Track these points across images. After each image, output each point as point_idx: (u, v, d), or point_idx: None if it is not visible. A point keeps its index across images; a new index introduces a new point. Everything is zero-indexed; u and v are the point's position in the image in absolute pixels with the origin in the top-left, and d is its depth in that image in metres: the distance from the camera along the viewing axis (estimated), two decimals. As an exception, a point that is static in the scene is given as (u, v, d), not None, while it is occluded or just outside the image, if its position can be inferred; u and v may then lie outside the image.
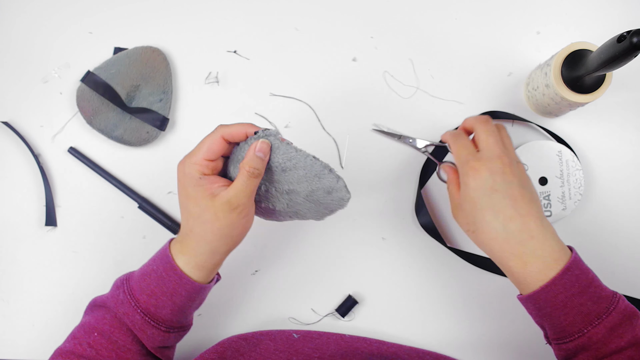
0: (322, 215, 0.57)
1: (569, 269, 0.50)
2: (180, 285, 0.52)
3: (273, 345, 0.63)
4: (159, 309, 0.52)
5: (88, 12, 0.71)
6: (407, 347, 0.65)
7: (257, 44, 0.70)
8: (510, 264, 0.51)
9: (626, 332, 0.49)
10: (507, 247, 0.51)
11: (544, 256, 0.50)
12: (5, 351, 0.68)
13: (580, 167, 0.65)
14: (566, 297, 0.49)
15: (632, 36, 0.47)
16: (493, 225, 0.51)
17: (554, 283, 0.49)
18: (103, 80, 0.67)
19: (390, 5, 0.70)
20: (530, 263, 0.50)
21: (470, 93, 0.69)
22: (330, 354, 0.63)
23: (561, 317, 0.50)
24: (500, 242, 0.51)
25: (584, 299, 0.49)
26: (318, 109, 0.69)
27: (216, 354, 0.60)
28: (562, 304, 0.49)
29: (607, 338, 0.49)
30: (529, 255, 0.50)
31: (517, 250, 0.50)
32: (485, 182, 0.51)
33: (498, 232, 0.51)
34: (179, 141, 0.69)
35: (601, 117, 0.68)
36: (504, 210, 0.51)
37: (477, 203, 0.51)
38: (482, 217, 0.51)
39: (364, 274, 0.67)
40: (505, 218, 0.51)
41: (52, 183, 0.69)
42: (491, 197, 0.51)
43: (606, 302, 0.50)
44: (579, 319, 0.49)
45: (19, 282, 0.68)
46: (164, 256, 0.53)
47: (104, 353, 0.52)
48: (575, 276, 0.50)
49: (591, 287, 0.50)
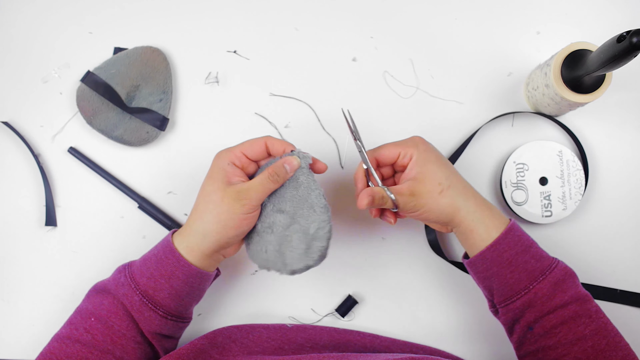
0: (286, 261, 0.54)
1: (512, 229, 0.54)
2: (177, 267, 0.54)
3: (266, 333, 0.63)
4: (157, 292, 0.54)
5: (88, 12, 0.71)
6: (401, 341, 0.65)
7: (257, 44, 0.70)
8: (482, 207, 0.55)
9: (569, 288, 0.53)
10: (476, 193, 0.55)
11: (496, 212, 0.55)
12: (5, 351, 0.68)
13: (580, 167, 0.65)
14: (511, 255, 0.53)
15: (632, 36, 0.47)
16: (458, 178, 0.55)
17: (499, 242, 0.53)
18: (103, 80, 0.67)
19: (390, 5, 0.70)
20: (492, 207, 0.55)
21: (470, 93, 0.69)
22: (322, 345, 0.63)
23: (507, 275, 0.53)
24: (470, 190, 0.55)
25: (528, 256, 0.53)
26: (318, 109, 0.69)
27: (207, 339, 0.61)
28: (507, 262, 0.53)
29: (551, 293, 0.52)
30: (487, 209, 0.55)
31: (479, 195, 0.55)
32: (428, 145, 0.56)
33: (463, 183, 0.55)
34: (179, 141, 0.69)
35: (601, 117, 0.68)
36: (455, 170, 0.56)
37: (442, 159, 0.55)
38: (451, 171, 0.55)
39: (364, 274, 0.67)
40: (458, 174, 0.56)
41: (52, 183, 0.69)
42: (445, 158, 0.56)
43: (548, 261, 0.54)
44: (525, 275, 0.53)
45: (19, 282, 0.68)
46: (165, 241, 0.55)
47: (99, 338, 0.53)
48: (518, 236, 0.54)
49: (533, 248, 0.54)
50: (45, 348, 0.54)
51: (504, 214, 0.56)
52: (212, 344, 0.61)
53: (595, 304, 0.53)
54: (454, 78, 0.69)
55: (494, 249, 0.53)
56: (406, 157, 0.55)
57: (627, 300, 0.65)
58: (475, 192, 0.56)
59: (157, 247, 0.56)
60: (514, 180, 0.65)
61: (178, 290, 0.54)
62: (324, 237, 0.53)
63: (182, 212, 0.68)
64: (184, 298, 0.55)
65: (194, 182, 0.69)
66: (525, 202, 0.65)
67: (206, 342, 0.60)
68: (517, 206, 0.65)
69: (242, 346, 0.62)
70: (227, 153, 0.54)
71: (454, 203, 0.54)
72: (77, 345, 0.53)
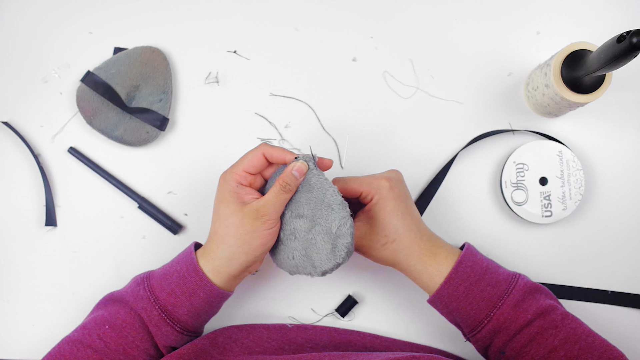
0: (315, 264, 0.54)
1: (462, 261, 0.55)
2: (200, 286, 0.54)
3: (266, 333, 0.64)
4: (177, 308, 0.54)
5: (88, 12, 0.71)
6: (402, 341, 0.65)
7: (257, 44, 0.70)
8: (425, 258, 0.55)
9: (530, 306, 0.53)
10: (422, 244, 0.56)
11: (444, 245, 0.57)
12: (5, 351, 0.68)
13: (580, 167, 0.65)
14: (466, 287, 0.54)
15: (632, 36, 0.47)
16: (411, 227, 0.56)
17: (451, 277, 0.54)
18: (103, 80, 0.67)
19: (390, 5, 0.70)
20: (438, 254, 0.56)
21: (470, 93, 0.69)
22: (323, 345, 0.63)
23: (467, 308, 0.54)
24: (419, 242, 0.56)
25: (483, 285, 0.54)
26: (318, 109, 0.69)
27: (208, 339, 0.61)
28: (463, 295, 0.54)
29: (513, 315, 0.53)
30: (434, 247, 0.56)
31: (428, 245, 0.56)
32: (399, 190, 0.56)
33: (415, 232, 0.56)
34: (179, 141, 0.69)
35: (601, 117, 0.68)
36: (412, 213, 0.57)
37: (398, 210, 0.55)
38: (403, 222, 0.55)
39: (364, 274, 0.67)
40: (415, 219, 0.57)
41: (52, 183, 0.69)
42: (406, 203, 0.56)
43: (505, 284, 0.54)
44: (483, 304, 0.53)
45: (19, 282, 0.68)
46: (188, 257, 0.55)
47: (112, 346, 0.54)
48: (469, 267, 0.54)
49: (488, 274, 0.55)
50: (55, 349, 0.54)
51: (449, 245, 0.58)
52: (213, 344, 0.61)
53: (560, 312, 0.54)
54: (454, 78, 0.69)
55: (446, 287, 0.54)
56: (367, 198, 0.57)
57: (620, 301, 0.65)
58: (422, 240, 0.56)
59: (179, 263, 0.56)
60: (514, 180, 0.65)
61: (197, 309, 0.55)
62: (347, 234, 0.53)
63: (182, 212, 0.68)
64: (202, 315, 0.56)
65: (194, 182, 0.69)
66: (525, 202, 0.65)
67: (207, 342, 0.60)
68: (517, 206, 0.65)
69: (243, 346, 0.62)
70: (232, 175, 0.54)
71: (395, 257, 0.56)
72: (88, 351, 0.53)
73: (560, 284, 0.66)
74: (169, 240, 0.68)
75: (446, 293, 0.54)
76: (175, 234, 0.68)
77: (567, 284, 0.66)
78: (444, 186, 0.67)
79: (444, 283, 0.54)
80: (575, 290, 0.66)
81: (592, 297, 0.65)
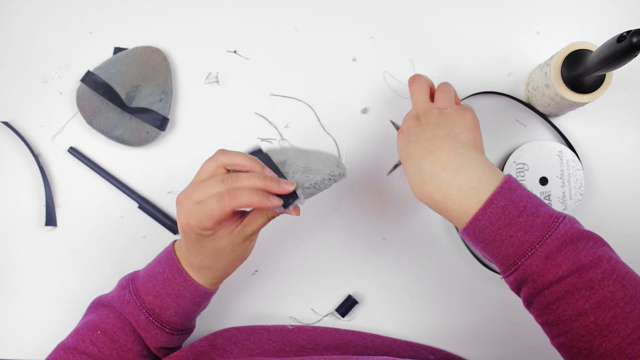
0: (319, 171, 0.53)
1: (492, 201, 0.47)
2: (186, 288, 0.53)
3: (267, 335, 0.63)
4: (164, 310, 0.53)
5: (88, 12, 0.71)
6: (403, 341, 0.65)
7: (257, 44, 0.70)
8: (437, 198, 0.49)
9: (565, 259, 0.45)
10: (426, 186, 0.49)
11: (460, 185, 0.48)
12: (5, 351, 0.68)
13: (580, 167, 0.65)
14: (493, 230, 0.47)
15: (632, 36, 0.47)
16: (410, 170, 0.51)
17: (477, 218, 0.47)
18: (103, 80, 0.67)
19: (390, 5, 0.70)
20: (449, 195, 0.48)
21: (470, 93, 0.69)
22: (324, 346, 0.63)
23: (494, 251, 0.48)
24: (419, 183, 0.50)
25: (514, 230, 0.46)
26: (318, 109, 0.69)
27: (207, 341, 0.61)
28: (490, 238, 0.47)
29: (543, 268, 0.45)
30: (445, 187, 0.48)
31: (434, 185, 0.49)
32: (406, 136, 0.54)
33: (415, 174, 0.50)
34: (179, 141, 0.69)
35: (601, 117, 0.68)
36: (416, 153, 0.51)
37: (401, 156, 0.54)
38: (406, 170, 0.52)
39: (364, 274, 0.67)
40: (416, 159, 0.51)
41: (52, 183, 0.69)
42: (407, 148, 0.53)
43: (541, 230, 0.46)
44: (511, 251, 0.47)
45: (19, 282, 0.68)
46: (170, 258, 0.54)
47: (106, 351, 0.53)
48: (501, 207, 0.46)
49: (522, 216, 0.46)
50: (51, 356, 0.54)
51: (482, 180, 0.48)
52: (213, 346, 0.60)
53: (603, 269, 0.45)
54: (454, 78, 0.69)
55: (474, 225, 0.47)
56: None
57: None
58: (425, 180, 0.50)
59: (160, 264, 0.55)
60: (514, 180, 0.65)
61: (185, 309, 0.54)
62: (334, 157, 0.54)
63: (182, 212, 0.68)
64: (190, 314, 0.55)
65: (194, 182, 0.69)
66: (525, 202, 0.65)
67: (206, 344, 0.60)
68: (517, 206, 0.65)
69: (243, 348, 0.62)
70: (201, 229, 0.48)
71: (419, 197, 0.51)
72: (83, 357, 0.53)
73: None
74: (169, 240, 0.68)
75: (472, 232, 0.48)
76: (175, 234, 0.68)
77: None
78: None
79: (469, 223, 0.47)
80: None
81: None
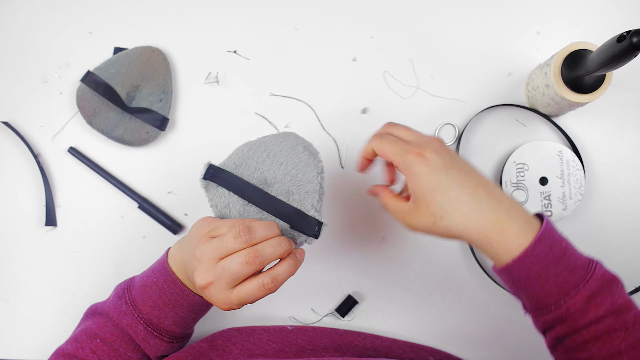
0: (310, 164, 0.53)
1: (541, 239, 0.47)
2: (182, 297, 0.53)
3: (267, 336, 0.63)
4: (162, 320, 0.53)
5: (88, 12, 0.71)
6: (402, 341, 0.65)
7: (257, 44, 0.70)
8: (488, 233, 0.47)
9: (604, 301, 0.47)
10: (483, 217, 0.47)
11: (518, 218, 0.48)
12: (5, 351, 0.68)
13: (580, 167, 0.65)
14: (540, 268, 0.47)
15: (632, 36, 0.47)
16: (462, 199, 0.47)
17: (526, 255, 0.46)
18: (103, 80, 0.67)
19: (390, 5, 0.70)
20: (508, 228, 0.47)
21: (470, 93, 0.69)
22: (323, 347, 0.63)
23: (536, 290, 0.47)
24: (475, 213, 0.47)
25: (559, 268, 0.47)
26: (318, 109, 0.69)
27: (207, 342, 0.61)
28: (536, 275, 0.47)
29: (585, 308, 0.46)
30: (504, 219, 0.47)
31: (492, 217, 0.47)
32: (436, 162, 0.48)
33: (470, 204, 0.47)
34: (179, 141, 0.69)
35: (601, 117, 0.68)
36: (466, 182, 0.48)
37: (438, 185, 0.48)
38: (448, 196, 0.48)
39: (364, 274, 0.67)
40: (470, 189, 0.48)
41: (52, 183, 0.69)
42: (449, 174, 0.48)
43: (583, 271, 0.47)
44: (555, 290, 0.47)
45: (19, 282, 0.68)
46: (163, 269, 0.53)
47: (105, 359, 0.53)
48: (548, 246, 0.47)
49: (566, 256, 0.47)
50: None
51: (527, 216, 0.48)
52: (212, 347, 0.60)
53: (634, 312, 0.47)
54: (454, 78, 0.69)
55: (517, 265, 0.47)
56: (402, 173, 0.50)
57: None
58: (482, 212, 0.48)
59: (155, 274, 0.54)
60: (514, 180, 0.65)
61: (183, 317, 0.54)
62: (299, 145, 0.53)
63: (182, 212, 0.68)
64: (189, 322, 0.55)
65: (194, 182, 0.69)
66: (526, 202, 0.65)
67: (206, 345, 0.60)
68: (517, 206, 0.65)
69: (243, 349, 0.62)
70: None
71: (452, 233, 0.49)
72: None
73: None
74: (169, 240, 0.68)
75: (517, 270, 0.47)
76: (175, 234, 0.68)
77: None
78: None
79: (516, 260, 0.46)
80: None
81: None
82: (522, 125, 0.68)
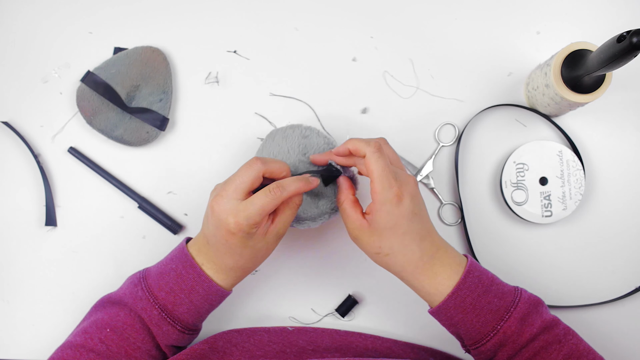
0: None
1: (470, 271, 0.52)
2: (198, 282, 0.54)
3: (267, 337, 0.63)
4: (176, 307, 0.54)
5: (88, 12, 0.71)
6: (402, 342, 0.65)
7: (257, 44, 0.70)
8: (422, 278, 0.53)
9: (535, 320, 0.52)
10: (421, 264, 0.53)
11: (450, 263, 0.53)
12: (5, 351, 0.68)
13: (580, 167, 0.65)
14: (473, 298, 0.52)
15: (632, 36, 0.47)
16: (410, 247, 0.52)
17: (459, 288, 0.52)
18: (103, 80, 0.67)
19: (390, 5, 0.70)
20: (440, 273, 0.53)
21: (470, 93, 0.69)
22: (324, 347, 0.63)
23: (473, 320, 0.52)
24: (416, 261, 0.52)
25: (490, 296, 0.52)
26: (318, 109, 0.69)
27: (207, 344, 0.61)
28: (471, 306, 0.52)
29: (520, 329, 0.51)
30: (438, 265, 0.53)
31: (429, 264, 0.53)
32: (407, 208, 0.51)
33: (413, 252, 0.52)
34: (179, 141, 0.69)
35: (601, 117, 0.68)
36: (419, 231, 0.52)
37: (398, 228, 0.51)
38: (401, 241, 0.52)
39: (364, 274, 0.67)
40: (420, 238, 0.52)
41: (52, 183, 0.69)
42: (411, 222, 0.51)
43: (511, 296, 0.53)
44: (490, 317, 0.52)
45: (19, 282, 0.68)
46: (182, 255, 0.55)
47: (114, 349, 0.54)
48: (477, 277, 0.52)
49: (494, 285, 0.53)
50: (58, 353, 0.54)
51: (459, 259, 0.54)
52: (213, 349, 0.60)
53: (562, 326, 0.53)
54: (454, 78, 0.69)
55: (452, 299, 0.52)
56: (373, 194, 0.52)
57: None
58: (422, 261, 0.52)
59: (174, 260, 0.55)
60: (514, 180, 0.65)
61: (197, 306, 0.55)
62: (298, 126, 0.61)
63: (182, 212, 0.68)
64: (201, 313, 0.56)
65: (194, 182, 0.69)
66: (525, 202, 0.65)
67: (206, 347, 0.60)
68: (517, 206, 0.65)
69: (243, 350, 0.61)
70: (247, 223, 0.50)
71: (388, 268, 0.54)
72: (91, 355, 0.53)
73: (559, 283, 0.66)
74: (169, 240, 0.68)
75: (453, 304, 0.52)
76: (175, 234, 0.68)
77: (567, 283, 0.66)
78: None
79: (450, 294, 0.52)
80: None
81: None
82: (522, 125, 0.68)
